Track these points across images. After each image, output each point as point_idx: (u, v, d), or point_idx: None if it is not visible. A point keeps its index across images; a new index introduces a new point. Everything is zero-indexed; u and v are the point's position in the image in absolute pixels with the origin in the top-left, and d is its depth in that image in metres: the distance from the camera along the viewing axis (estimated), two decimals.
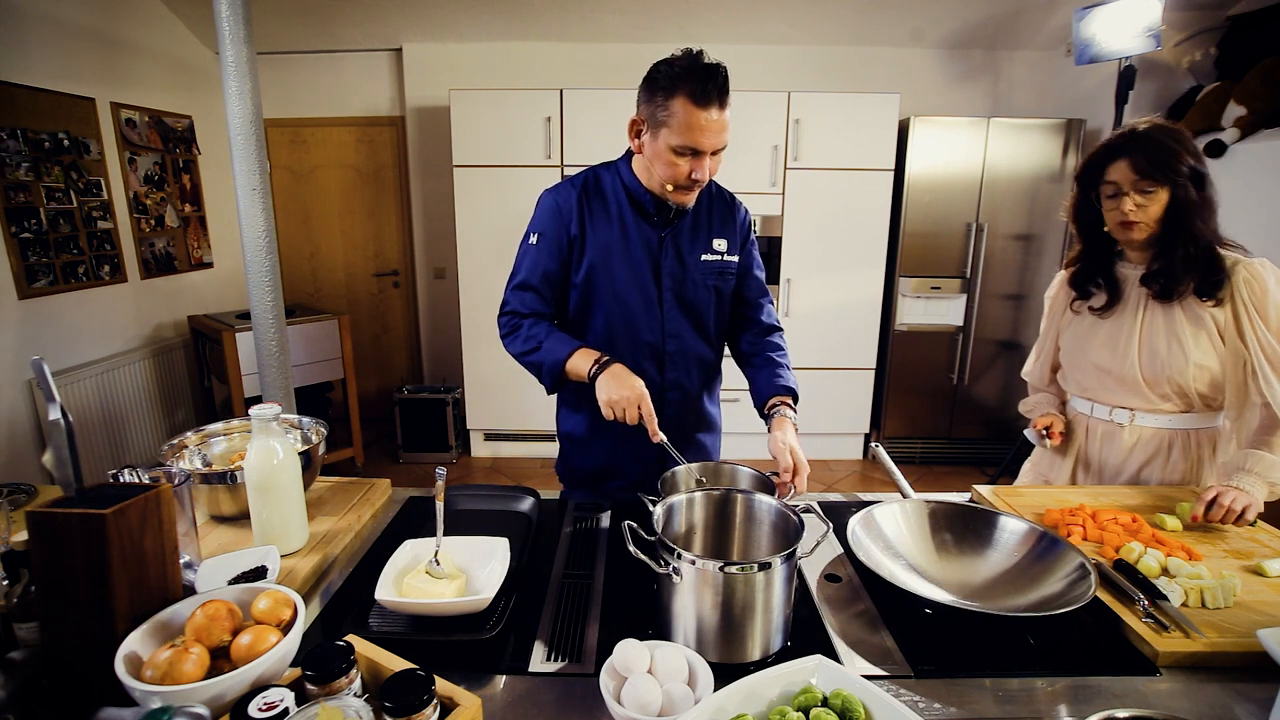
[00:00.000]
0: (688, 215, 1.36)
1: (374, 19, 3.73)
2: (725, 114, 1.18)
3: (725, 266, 1.39)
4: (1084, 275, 1.45)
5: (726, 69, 1.18)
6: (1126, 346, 1.37)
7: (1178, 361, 1.32)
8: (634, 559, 0.88)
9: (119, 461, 3.18)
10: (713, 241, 1.37)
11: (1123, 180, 1.29)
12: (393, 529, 1.25)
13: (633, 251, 1.33)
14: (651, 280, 1.35)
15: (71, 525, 0.74)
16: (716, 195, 1.43)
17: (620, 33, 3.82)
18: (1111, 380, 1.41)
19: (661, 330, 1.37)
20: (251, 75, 2.03)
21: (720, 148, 1.22)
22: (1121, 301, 1.40)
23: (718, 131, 1.18)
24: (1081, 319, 1.47)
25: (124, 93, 3.31)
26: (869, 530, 1.11)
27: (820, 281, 3.69)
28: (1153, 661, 0.88)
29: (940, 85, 3.96)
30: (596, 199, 1.35)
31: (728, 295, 1.43)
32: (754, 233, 1.48)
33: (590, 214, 1.34)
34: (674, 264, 1.35)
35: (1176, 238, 1.29)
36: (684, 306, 1.38)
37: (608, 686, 0.76)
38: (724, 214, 1.40)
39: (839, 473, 3.86)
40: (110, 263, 3.22)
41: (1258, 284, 1.26)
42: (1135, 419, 1.41)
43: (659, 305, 1.36)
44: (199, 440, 1.33)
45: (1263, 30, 3.02)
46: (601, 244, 1.33)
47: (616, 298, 1.35)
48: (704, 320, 1.40)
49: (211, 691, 0.69)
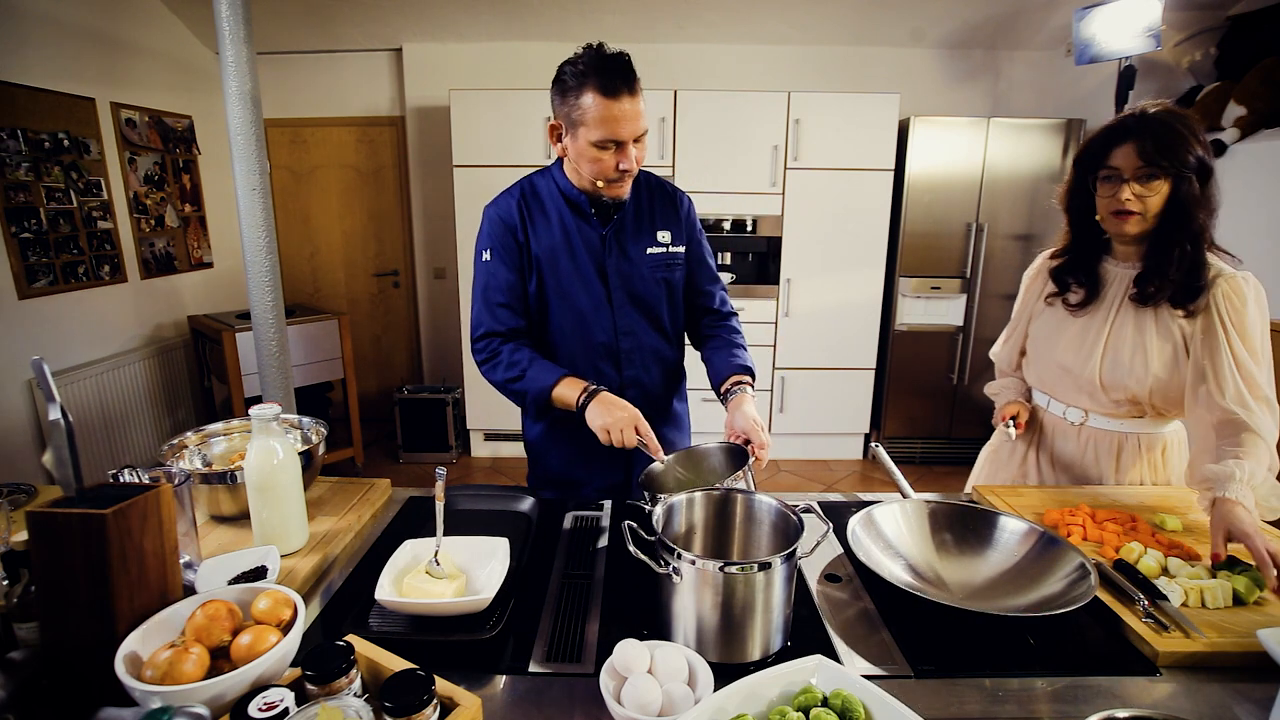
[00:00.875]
0: (628, 211, 1.36)
1: (374, 19, 3.73)
2: (637, 101, 1.20)
3: (671, 258, 1.40)
4: (1066, 268, 1.40)
5: (629, 56, 1.20)
6: (1091, 349, 1.34)
7: (1138, 371, 1.29)
8: (634, 559, 0.88)
9: (119, 461, 3.18)
10: (657, 234, 1.38)
11: (1125, 166, 1.21)
12: (393, 529, 1.25)
13: (576, 253, 1.33)
14: (598, 280, 1.34)
15: (71, 525, 0.74)
16: (656, 188, 1.43)
17: (620, 33, 3.82)
18: (1070, 379, 1.39)
19: (614, 329, 1.37)
20: (251, 75, 2.03)
21: (640, 134, 1.23)
22: (1097, 300, 1.36)
23: (632, 119, 1.19)
24: (1053, 312, 1.43)
25: (124, 93, 3.31)
26: (869, 530, 1.11)
27: (820, 281, 3.69)
28: (1153, 661, 0.88)
29: (940, 85, 3.96)
30: (535, 205, 1.35)
31: (678, 287, 1.43)
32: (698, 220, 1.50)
33: (531, 221, 1.34)
34: (619, 260, 1.35)
35: (1172, 235, 1.23)
36: (635, 302, 1.38)
37: (608, 686, 0.76)
38: (665, 206, 1.41)
39: (839, 473, 3.86)
40: (110, 263, 3.22)
41: (1237, 298, 1.21)
42: (1088, 419, 1.40)
43: (609, 304, 1.36)
44: (199, 440, 1.33)
45: (1263, 30, 3.02)
46: (545, 249, 1.33)
47: (565, 300, 1.35)
48: (657, 314, 1.41)
49: (211, 691, 0.69)
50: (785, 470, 3.89)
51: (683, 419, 1.56)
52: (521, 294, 1.35)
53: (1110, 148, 1.24)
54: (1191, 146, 1.19)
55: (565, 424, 1.36)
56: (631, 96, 1.19)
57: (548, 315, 1.37)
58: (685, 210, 1.45)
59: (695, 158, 3.54)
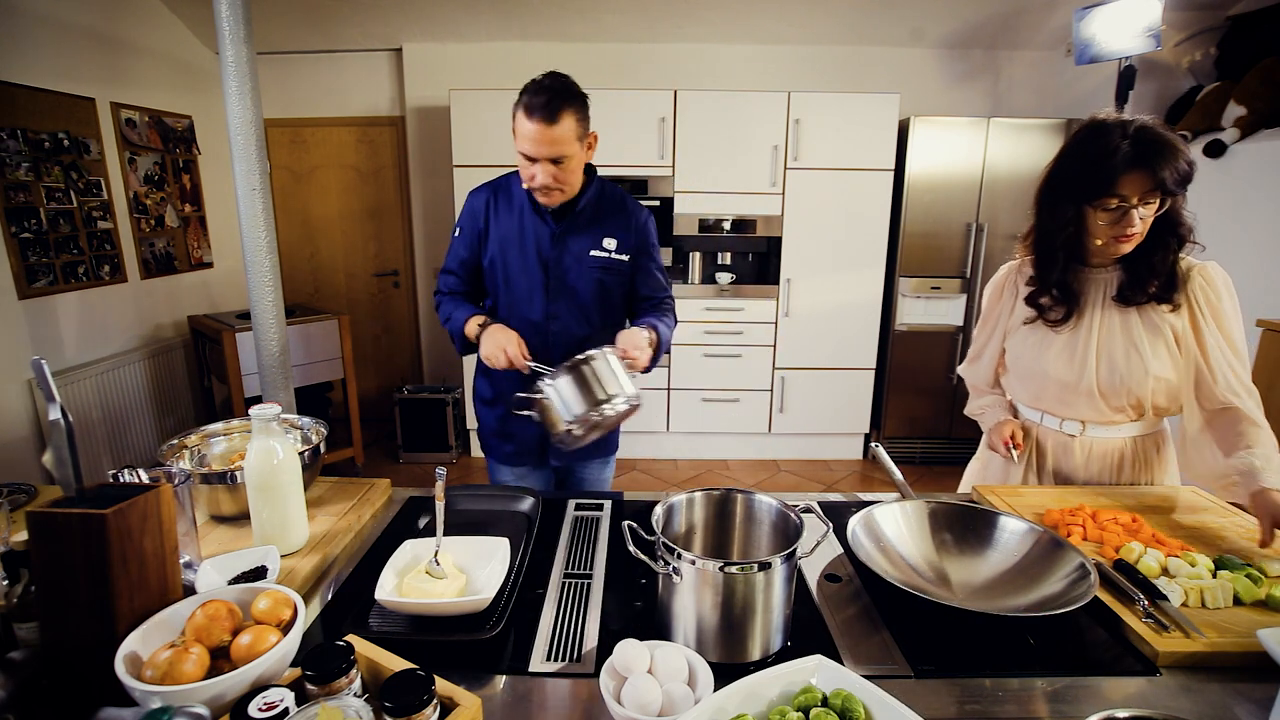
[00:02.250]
0: (581, 215, 1.53)
1: (374, 19, 3.73)
2: (552, 129, 1.35)
3: (612, 263, 1.56)
4: (1041, 293, 1.35)
5: (560, 86, 1.35)
6: (1084, 358, 1.32)
7: (1136, 373, 1.28)
8: (634, 559, 0.88)
9: (119, 461, 3.18)
10: (603, 240, 1.55)
11: (1133, 192, 1.17)
12: (393, 529, 1.25)
13: (525, 243, 1.53)
14: (539, 268, 1.53)
15: (71, 525, 0.74)
16: (616, 201, 1.59)
17: (620, 33, 3.82)
18: (1066, 392, 1.36)
19: (545, 312, 1.54)
20: (251, 75, 2.03)
21: (551, 158, 1.37)
22: (1079, 312, 1.33)
23: (539, 142, 1.36)
24: (1033, 328, 1.39)
25: (124, 93, 3.31)
26: (869, 530, 1.11)
27: (820, 281, 3.69)
28: (1153, 661, 0.88)
29: (940, 85, 3.96)
30: (504, 199, 1.57)
31: (613, 288, 1.58)
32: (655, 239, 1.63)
33: (495, 212, 1.56)
34: (561, 255, 1.53)
35: (1160, 240, 1.23)
36: (565, 292, 1.54)
37: (608, 686, 0.76)
38: (619, 218, 1.57)
39: (839, 473, 3.86)
40: (110, 263, 3.22)
41: (1211, 289, 1.24)
42: (1086, 430, 1.38)
43: (544, 290, 1.54)
44: (199, 440, 1.33)
45: (1263, 30, 3.02)
46: (501, 237, 1.55)
47: (509, 281, 1.55)
48: (586, 307, 1.56)
49: (211, 691, 0.69)
50: (785, 470, 3.89)
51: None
52: (473, 268, 1.61)
53: (1116, 176, 1.17)
54: (1187, 157, 1.17)
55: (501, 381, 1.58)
56: (546, 124, 1.34)
57: (495, 290, 1.59)
58: (639, 226, 1.59)
59: (695, 158, 3.54)
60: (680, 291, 3.71)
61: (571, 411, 1.24)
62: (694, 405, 3.86)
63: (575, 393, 1.24)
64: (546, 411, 1.26)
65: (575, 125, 1.38)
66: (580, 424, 1.24)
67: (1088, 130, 1.24)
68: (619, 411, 1.27)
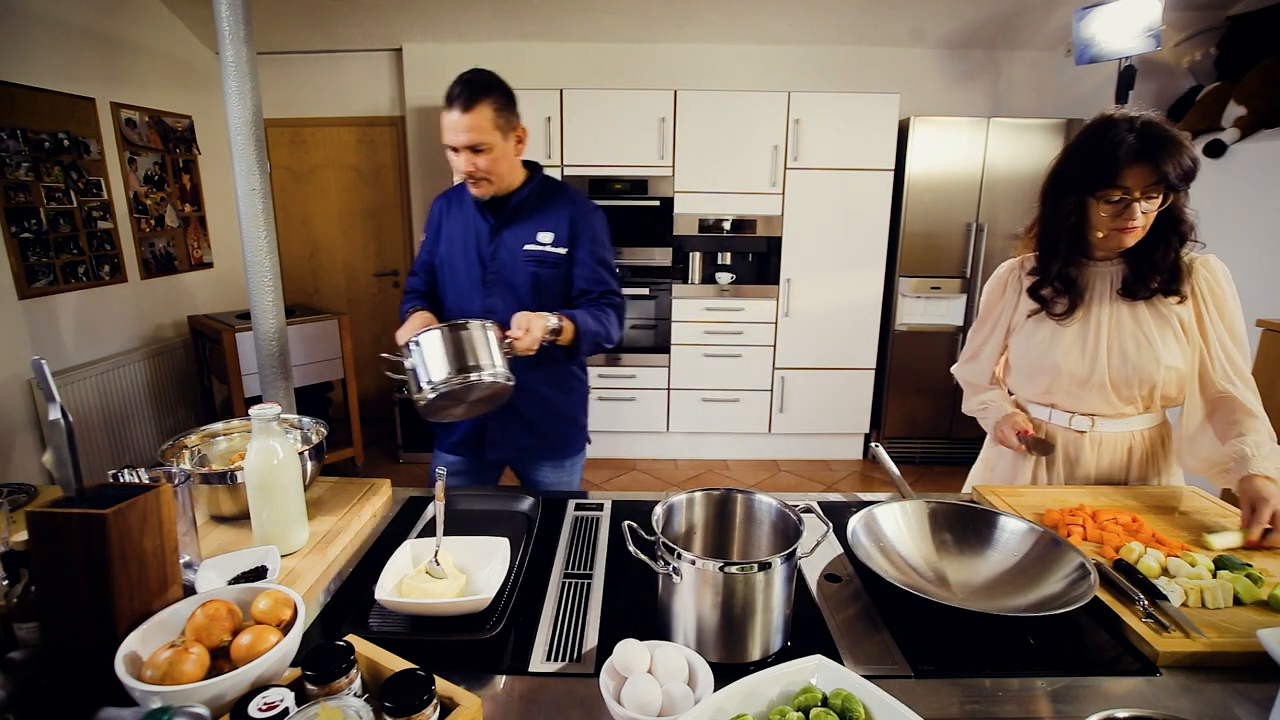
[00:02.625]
0: (517, 209, 1.56)
1: (374, 19, 3.73)
2: (469, 116, 1.39)
3: (548, 256, 1.57)
4: (1043, 284, 1.36)
5: (481, 79, 1.42)
6: (1095, 351, 1.32)
7: (1148, 364, 1.29)
8: (634, 559, 0.88)
9: (119, 461, 3.18)
10: (538, 234, 1.57)
11: (1136, 185, 1.18)
12: (393, 529, 1.25)
13: (467, 240, 1.59)
14: (477, 263, 1.58)
15: (71, 525, 0.74)
16: (558, 196, 1.61)
17: (620, 33, 3.82)
18: (1076, 386, 1.35)
19: (482, 306, 1.58)
20: (251, 75, 2.02)
21: (472, 145, 1.42)
22: (1084, 304, 1.34)
23: (459, 130, 1.41)
24: (1039, 323, 1.39)
25: (124, 93, 3.31)
26: (869, 530, 1.11)
27: (820, 281, 3.69)
28: (1153, 661, 0.88)
29: (940, 85, 3.96)
30: (457, 202, 1.64)
31: (550, 281, 1.58)
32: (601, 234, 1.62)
33: (448, 214, 1.64)
34: (497, 249, 1.57)
35: (1163, 236, 1.25)
36: (502, 285, 1.57)
37: (608, 686, 0.76)
38: (559, 213, 1.58)
39: (839, 473, 3.86)
40: (110, 263, 3.22)
41: (1214, 280, 1.28)
42: (1096, 425, 1.38)
43: (480, 284, 1.58)
44: (199, 440, 1.33)
45: (1263, 30, 3.02)
46: (448, 237, 1.63)
47: (452, 278, 1.62)
48: (520, 297, 1.57)
49: (211, 691, 0.69)
50: (785, 470, 3.89)
51: (549, 401, 1.63)
52: (430, 269, 1.68)
53: (1120, 168, 1.19)
54: (1191, 153, 1.18)
55: None
56: (464, 111, 1.39)
57: (445, 288, 1.65)
58: (579, 220, 1.59)
59: (695, 158, 3.54)
60: (680, 291, 3.71)
61: (430, 375, 1.24)
62: (694, 405, 3.86)
63: (440, 356, 1.24)
64: (410, 373, 1.26)
65: (494, 115, 1.42)
66: (436, 389, 1.23)
67: (1095, 124, 1.25)
68: (481, 384, 1.25)
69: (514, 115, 1.48)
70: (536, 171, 1.60)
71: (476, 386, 1.26)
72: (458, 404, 1.31)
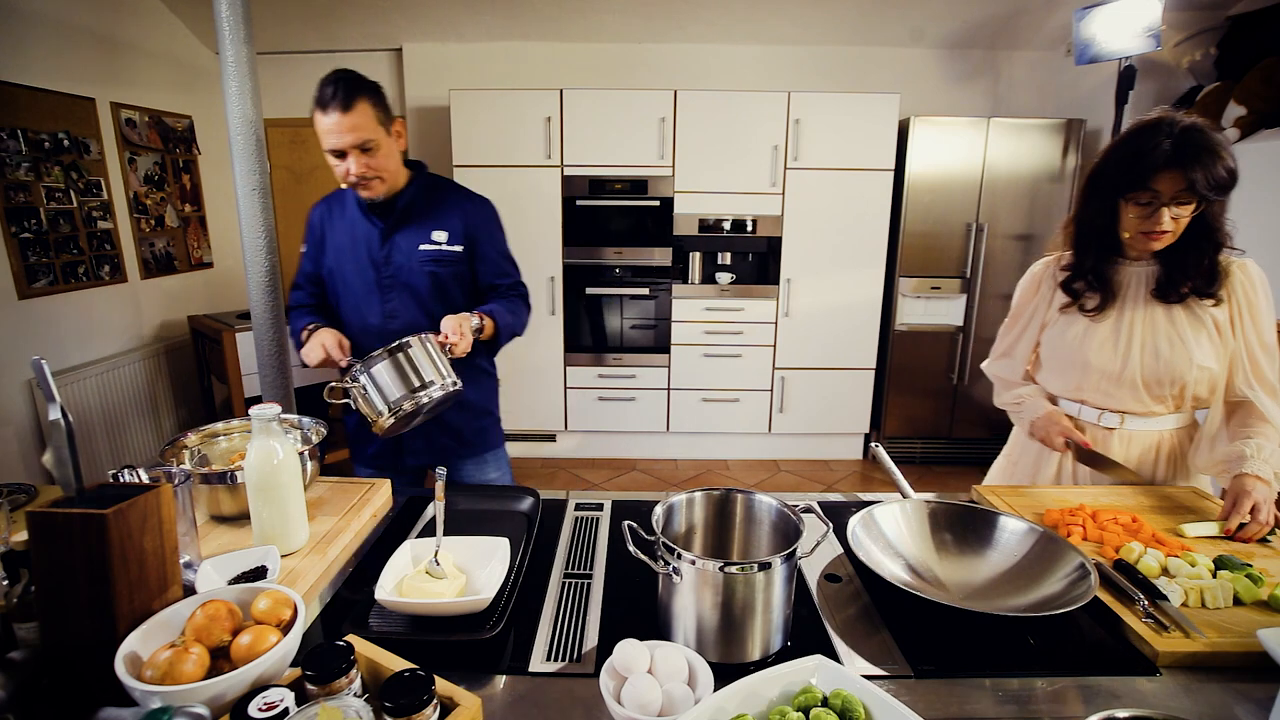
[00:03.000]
0: (406, 211, 1.54)
1: (374, 19, 3.73)
2: (348, 116, 1.36)
3: (444, 255, 1.56)
4: (1075, 278, 1.38)
5: (349, 77, 1.38)
6: (1128, 348, 1.33)
7: (1181, 363, 1.29)
8: (634, 559, 0.88)
9: (119, 461, 3.18)
10: (431, 234, 1.55)
11: (1166, 191, 1.19)
12: (393, 529, 1.25)
13: (356, 247, 1.55)
14: (370, 268, 1.55)
15: (71, 525, 0.74)
16: (447, 193, 1.60)
17: (620, 33, 3.82)
18: (1107, 382, 1.37)
19: (382, 311, 1.56)
20: (251, 75, 2.02)
21: (357, 145, 1.39)
22: (1117, 301, 1.35)
23: (343, 131, 1.37)
24: (1071, 318, 1.40)
25: (124, 93, 3.31)
26: (869, 530, 1.11)
27: (820, 281, 3.69)
28: (1153, 661, 0.88)
29: (940, 85, 3.96)
30: (337, 209, 1.60)
31: (449, 279, 1.58)
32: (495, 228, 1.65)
33: (330, 222, 1.60)
34: (390, 253, 1.54)
35: (1196, 243, 1.25)
36: (405, 290, 1.55)
37: (608, 686, 0.76)
38: (449, 210, 1.58)
39: (839, 473, 3.86)
40: (110, 263, 3.22)
41: (1249, 285, 1.28)
42: (1125, 423, 1.39)
43: (378, 289, 1.55)
44: (199, 440, 1.33)
45: (1263, 30, 3.02)
46: (334, 245, 1.58)
47: (345, 286, 1.57)
48: (422, 299, 1.56)
49: (211, 691, 0.69)
50: (785, 470, 3.89)
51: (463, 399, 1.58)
52: (317, 280, 1.63)
53: (1151, 173, 1.19)
54: (1227, 164, 1.16)
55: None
56: (344, 111, 1.36)
57: (338, 299, 1.60)
58: (474, 215, 1.60)
59: (695, 158, 3.54)
60: (680, 291, 3.71)
61: (386, 399, 1.26)
62: (694, 405, 3.86)
63: (392, 379, 1.26)
64: (361, 400, 1.29)
65: (373, 111, 1.40)
66: (395, 412, 1.26)
67: (1137, 125, 1.26)
68: (433, 399, 1.29)
69: (389, 109, 1.46)
70: (421, 170, 1.58)
71: (430, 402, 1.29)
72: (414, 418, 1.33)
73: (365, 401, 1.28)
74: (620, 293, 3.73)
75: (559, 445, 4.01)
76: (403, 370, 1.27)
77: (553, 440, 4.00)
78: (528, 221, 3.61)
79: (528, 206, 3.59)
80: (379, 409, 1.27)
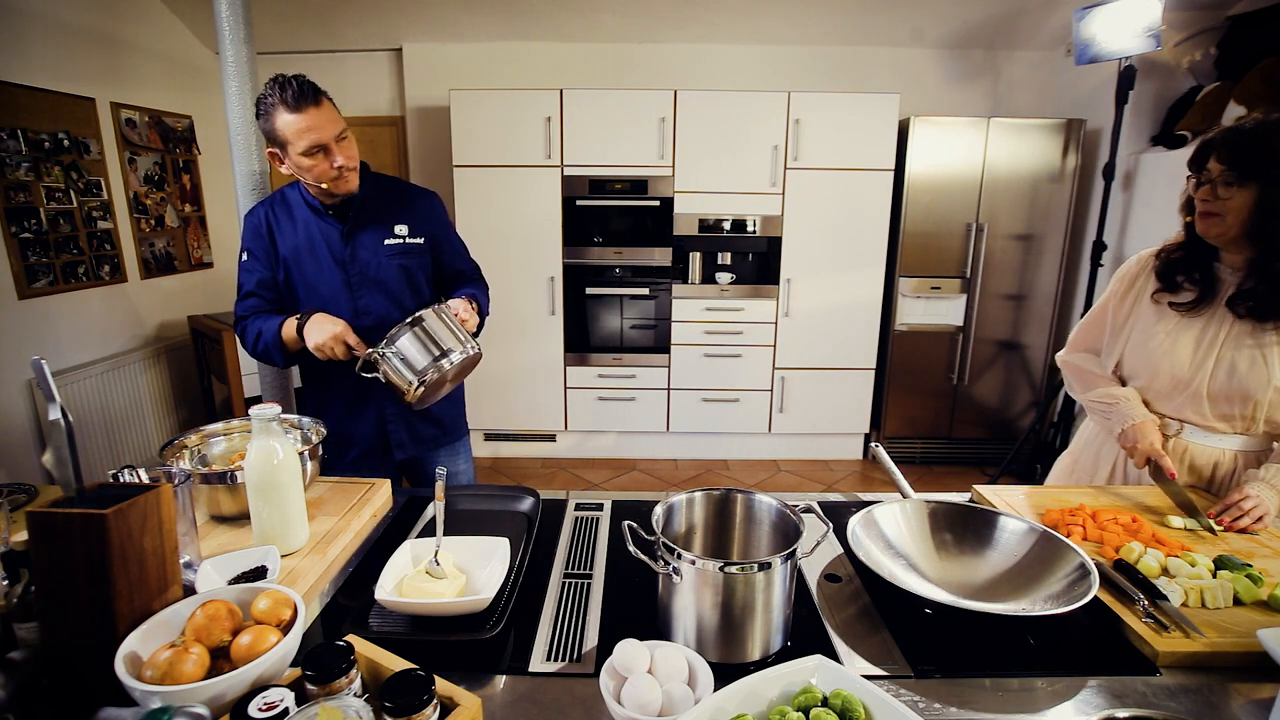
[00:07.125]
0: (365, 208, 1.55)
1: (374, 19, 3.73)
2: (325, 109, 1.41)
3: (409, 248, 1.59)
4: (1175, 265, 1.34)
5: (297, 77, 1.39)
6: (1205, 355, 1.28)
7: (1257, 382, 1.24)
8: (634, 559, 0.88)
9: (119, 461, 3.18)
10: (394, 228, 1.58)
11: (1212, 169, 1.23)
12: (393, 529, 1.25)
13: (317, 248, 1.54)
14: (337, 268, 1.54)
15: (71, 525, 0.74)
16: (397, 190, 1.63)
17: (620, 33, 3.82)
18: (1170, 387, 1.33)
19: (354, 309, 1.55)
20: (251, 75, 2.02)
21: (337, 136, 1.42)
22: (1212, 304, 1.30)
23: (324, 124, 1.40)
24: (1160, 314, 1.35)
25: (124, 93, 3.31)
26: (869, 530, 1.11)
27: (820, 281, 3.69)
28: (1153, 661, 0.88)
29: (940, 85, 3.96)
30: (282, 211, 1.56)
31: (417, 271, 1.62)
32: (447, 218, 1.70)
33: (277, 225, 1.55)
34: (356, 251, 1.55)
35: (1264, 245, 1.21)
36: (376, 285, 1.56)
37: (608, 686, 0.76)
38: (403, 205, 1.61)
39: (839, 473, 3.86)
40: (110, 263, 3.22)
41: None
42: (1183, 433, 1.34)
43: (347, 288, 1.55)
44: (199, 440, 1.33)
45: (1263, 30, 3.02)
46: (290, 248, 1.54)
47: (309, 289, 1.55)
48: (393, 292, 1.58)
49: (211, 691, 0.69)
50: (785, 470, 3.89)
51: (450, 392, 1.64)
52: (272, 285, 1.57)
53: (1207, 154, 1.25)
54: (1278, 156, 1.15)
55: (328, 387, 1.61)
56: (316, 107, 1.39)
57: (296, 303, 1.57)
58: (429, 207, 1.65)
59: (695, 158, 3.54)
60: (680, 291, 3.71)
61: (415, 369, 1.33)
62: (694, 405, 3.86)
63: (418, 350, 1.34)
64: (392, 374, 1.35)
65: (333, 104, 1.45)
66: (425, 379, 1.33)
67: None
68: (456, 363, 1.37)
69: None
70: (367, 169, 1.59)
71: (453, 367, 1.36)
72: (441, 385, 1.40)
73: (395, 374, 1.35)
74: (620, 293, 3.73)
75: (559, 445, 4.01)
76: (428, 340, 1.35)
77: (553, 440, 4.00)
78: (528, 221, 3.61)
79: (528, 206, 3.59)
80: (408, 379, 1.34)
